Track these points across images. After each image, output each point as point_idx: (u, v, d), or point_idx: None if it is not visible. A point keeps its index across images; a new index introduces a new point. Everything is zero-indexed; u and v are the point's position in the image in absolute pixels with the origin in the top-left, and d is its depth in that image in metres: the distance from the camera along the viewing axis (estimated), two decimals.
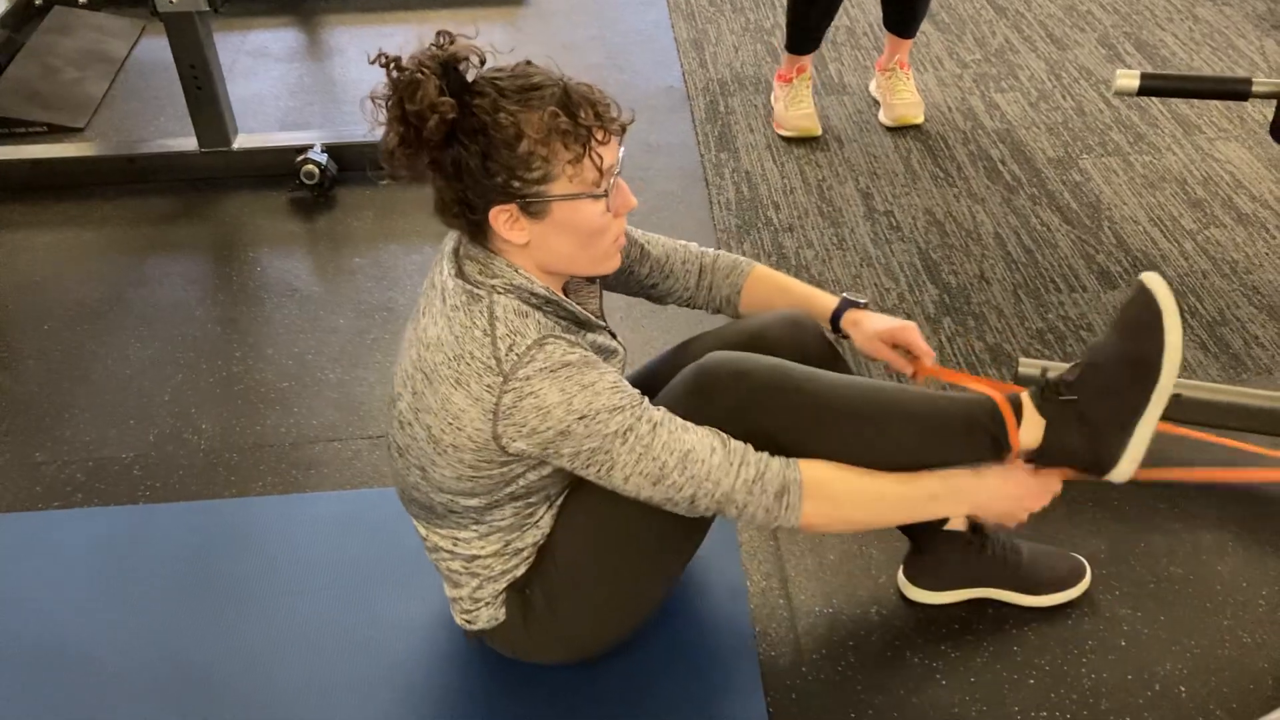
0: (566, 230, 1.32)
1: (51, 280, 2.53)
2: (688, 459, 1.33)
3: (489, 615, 1.53)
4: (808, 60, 2.93)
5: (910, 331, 1.61)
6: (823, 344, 1.62)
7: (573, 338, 1.35)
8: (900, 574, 1.74)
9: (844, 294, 1.67)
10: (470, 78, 1.29)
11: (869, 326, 1.63)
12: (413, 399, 1.39)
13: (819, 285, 2.42)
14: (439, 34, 1.31)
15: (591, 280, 1.52)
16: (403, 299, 2.44)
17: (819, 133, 2.90)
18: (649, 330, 2.29)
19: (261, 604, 1.78)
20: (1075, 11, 3.46)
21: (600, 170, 1.30)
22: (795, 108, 2.91)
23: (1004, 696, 1.61)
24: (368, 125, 1.33)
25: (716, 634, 1.69)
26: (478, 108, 1.26)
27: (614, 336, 1.50)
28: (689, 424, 1.36)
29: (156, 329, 2.38)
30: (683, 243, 1.69)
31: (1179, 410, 1.94)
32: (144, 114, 3.13)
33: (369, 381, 2.22)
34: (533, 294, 1.35)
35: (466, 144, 1.27)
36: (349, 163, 2.80)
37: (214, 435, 2.11)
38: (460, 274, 1.37)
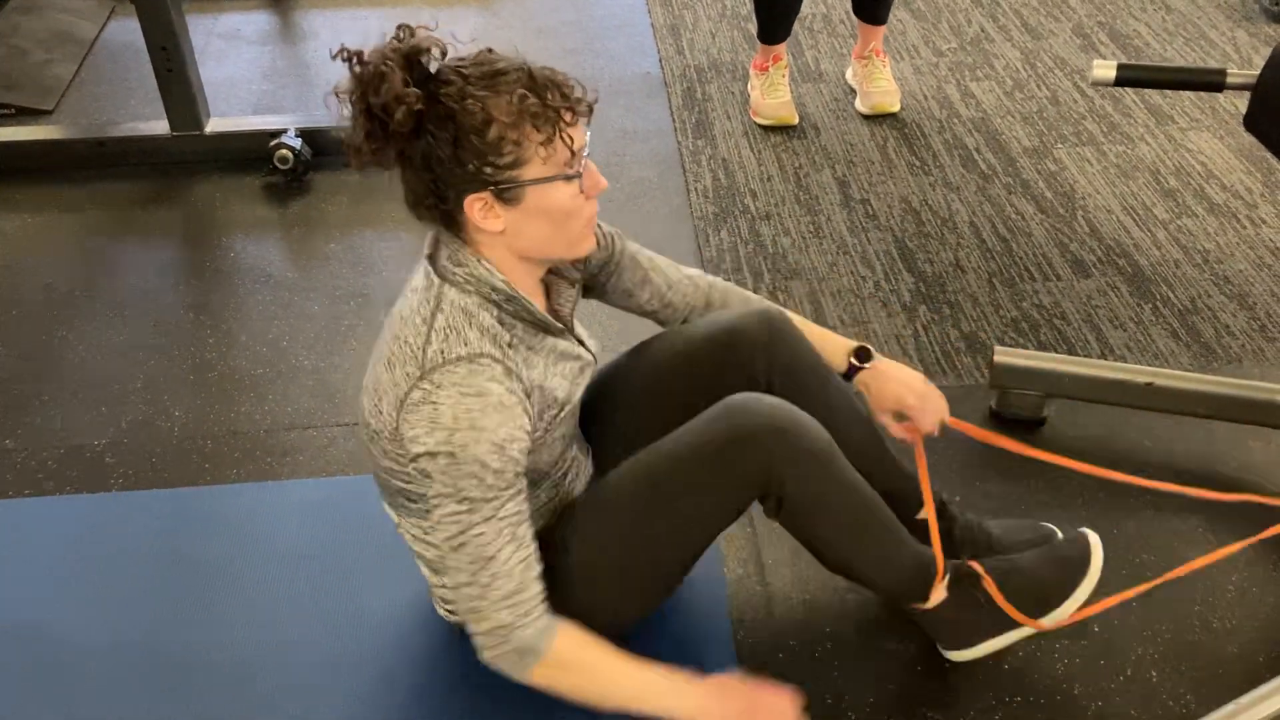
0: (541, 215, 1.31)
1: (20, 265, 2.50)
2: (486, 566, 1.31)
3: None
4: (782, 49, 2.93)
5: (915, 410, 1.62)
6: (799, 344, 1.61)
7: (516, 352, 1.33)
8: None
9: (856, 347, 1.65)
10: (433, 69, 1.29)
11: (879, 391, 1.63)
12: (370, 375, 1.42)
13: (795, 274, 2.43)
14: (399, 27, 1.30)
15: (571, 285, 1.50)
16: (378, 285, 2.42)
17: (796, 121, 2.91)
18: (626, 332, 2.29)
19: (236, 591, 1.77)
20: (1050, 1, 3.48)
21: (572, 151, 1.30)
22: (772, 96, 2.91)
23: (978, 683, 1.62)
24: (336, 119, 1.32)
25: (694, 620, 1.70)
26: (445, 95, 1.25)
27: (582, 343, 1.48)
28: (522, 538, 1.33)
29: (128, 315, 2.35)
30: (691, 273, 1.66)
31: (1152, 399, 1.96)
32: (114, 97, 3.08)
33: (344, 368, 2.21)
34: (493, 289, 1.34)
35: (435, 134, 1.26)
36: (323, 147, 2.77)
37: (187, 422, 2.09)
38: (431, 256, 1.37)
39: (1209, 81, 1.72)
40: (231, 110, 2.99)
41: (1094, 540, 1.58)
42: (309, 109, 3.02)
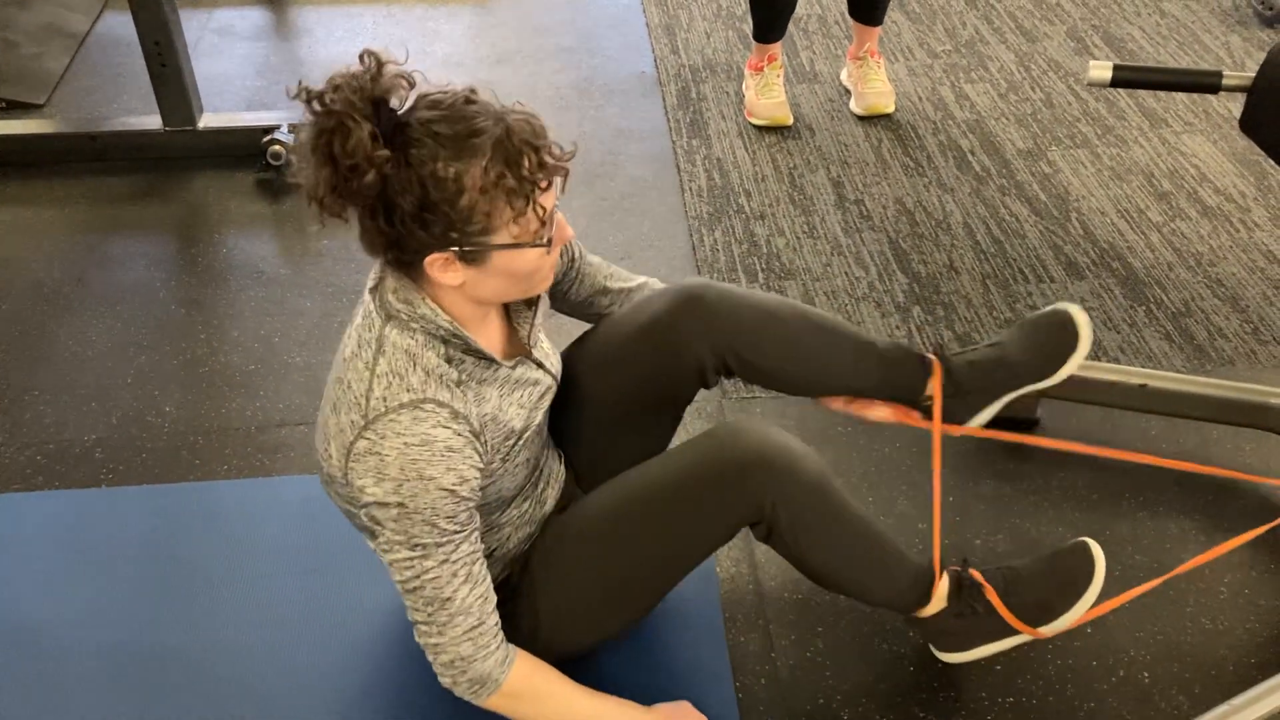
0: (503, 273, 1.27)
1: (10, 260, 2.48)
2: (443, 606, 1.31)
3: None
4: (777, 49, 2.93)
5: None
6: (729, 312, 1.52)
7: (465, 392, 1.31)
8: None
9: None
10: (401, 108, 1.22)
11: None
12: (319, 416, 1.40)
13: (790, 274, 2.42)
14: (365, 54, 1.21)
15: (530, 305, 1.44)
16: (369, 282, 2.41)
17: (790, 122, 2.90)
18: None
19: (226, 588, 1.76)
20: (1044, 4, 3.48)
21: (541, 220, 1.24)
22: (767, 96, 2.91)
23: (970, 683, 1.62)
24: (293, 176, 1.25)
25: (686, 619, 1.69)
26: (414, 158, 1.18)
27: (541, 366, 1.43)
28: (477, 576, 1.32)
29: (119, 310, 2.34)
30: (643, 279, 1.64)
31: (1146, 400, 1.96)
32: (106, 91, 3.07)
33: None
34: (438, 326, 1.29)
35: (401, 193, 1.19)
36: None
37: (178, 418, 2.08)
38: (376, 289, 1.32)
39: (1205, 83, 1.72)
40: (225, 106, 2.98)
41: (1097, 551, 1.56)
42: (302, 105, 3.01)
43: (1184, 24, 3.36)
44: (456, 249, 1.23)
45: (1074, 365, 1.59)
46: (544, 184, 1.23)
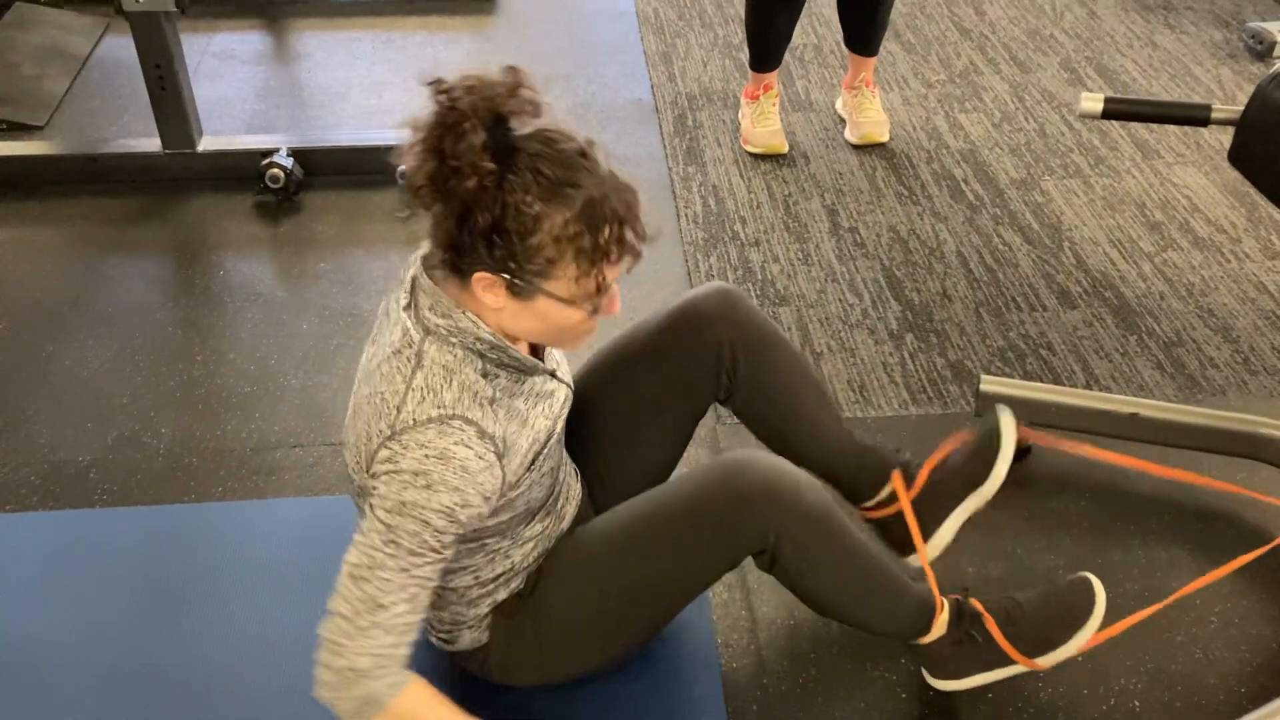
0: (541, 318, 1.29)
1: (8, 280, 2.49)
2: (374, 611, 1.27)
3: (471, 638, 1.51)
4: (773, 78, 2.95)
5: None
6: (754, 313, 1.62)
7: (498, 407, 1.31)
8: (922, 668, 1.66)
9: None
10: (524, 130, 1.22)
11: None
12: (347, 429, 1.39)
13: (784, 300, 2.44)
14: (508, 70, 1.24)
15: None
16: (367, 304, 2.42)
17: (786, 150, 2.93)
18: None
19: (221, 610, 1.76)
20: (1038, 36, 3.52)
21: (599, 287, 1.26)
22: (762, 125, 2.93)
23: (962, 711, 1.63)
24: (398, 157, 1.25)
25: (679, 645, 1.70)
26: (508, 183, 1.20)
27: (554, 376, 1.44)
28: (418, 603, 1.29)
29: (116, 331, 2.35)
30: None
31: (1137, 429, 1.97)
32: (106, 113, 3.09)
33: (332, 387, 2.20)
34: (478, 339, 1.30)
35: (483, 208, 1.21)
36: (315, 167, 2.78)
37: (174, 439, 2.08)
38: (412, 304, 1.33)
39: (1194, 116, 1.74)
40: (224, 129, 3.00)
41: (1098, 587, 1.58)
42: (301, 129, 3.03)
43: (1176, 57, 3.40)
44: (509, 277, 1.24)
45: (1002, 470, 1.64)
46: (614, 257, 1.25)
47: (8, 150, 2.80)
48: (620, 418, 1.62)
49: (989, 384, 2.00)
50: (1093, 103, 1.74)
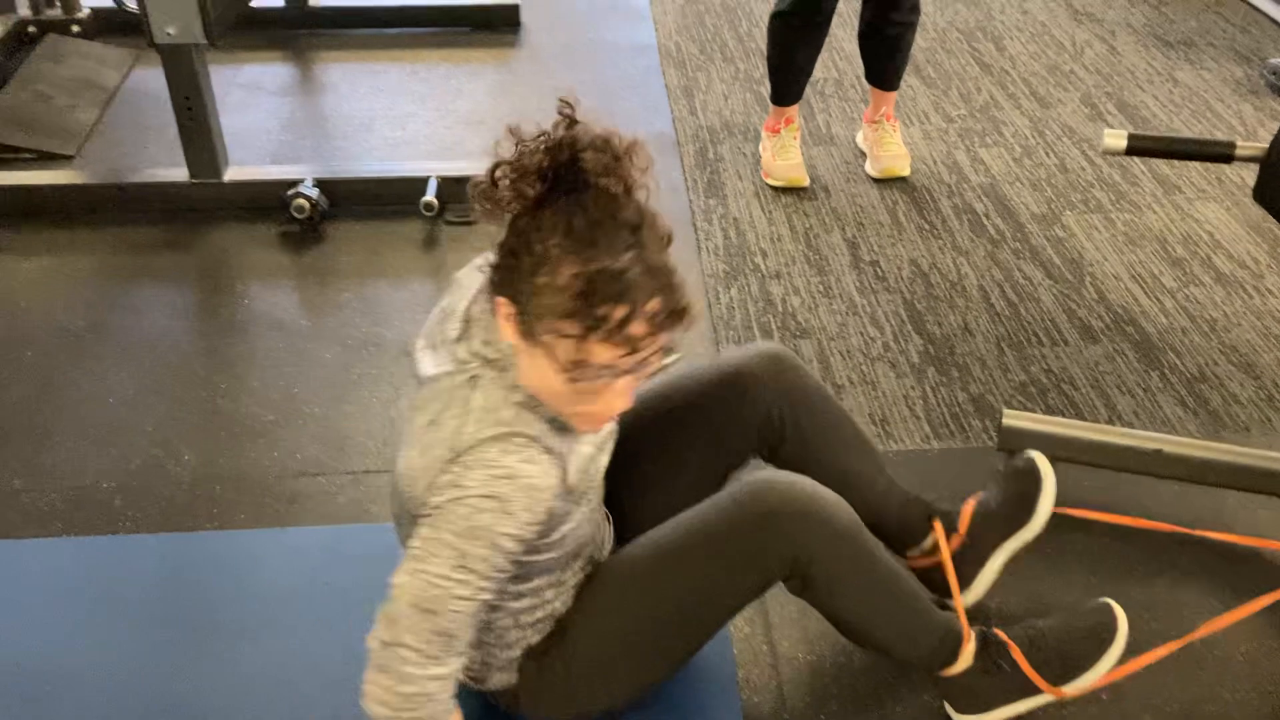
0: (542, 375, 1.23)
1: (37, 307, 2.52)
2: (448, 643, 1.26)
3: (501, 679, 1.50)
4: (794, 111, 2.97)
5: None
6: (805, 376, 1.64)
7: (551, 444, 1.28)
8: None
9: None
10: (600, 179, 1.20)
11: None
12: (404, 461, 1.35)
13: (805, 333, 2.44)
14: (611, 137, 1.22)
15: None
16: (390, 334, 2.44)
17: (806, 184, 2.94)
18: None
19: (241, 638, 1.76)
20: (1059, 71, 3.53)
21: (636, 369, 1.20)
22: (783, 158, 2.95)
23: None
24: (484, 155, 1.23)
25: (700, 679, 1.69)
26: (540, 221, 1.18)
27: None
28: (478, 615, 1.29)
29: (141, 358, 2.37)
30: None
31: (1161, 465, 1.96)
32: (134, 143, 3.13)
33: (354, 416, 2.21)
34: (516, 386, 1.27)
35: (511, 227, 1.20)
36: (339, 197, 2.81)
37: (196, 466, 2.09)
38: (465, 336, 1.31)
39: (1218, 153, 1.74)
40: (250, 159, 3.03)
41: (1118, 611, 1.58)
42: (326, 159, 3.06)
43: (1197, 93, 3.40)
44: (518, 309, 1.21)
45: (1046, 509, 1.68)
46: (610, 339, 1.16)
47: (39, 179, 2.84)
48: (654, 467, 1.60)
49: (1011, 418, 2.00)
50: (1116, 139, 1.74)
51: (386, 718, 1.27)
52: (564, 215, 1.18)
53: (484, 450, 1.24)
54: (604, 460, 1.45)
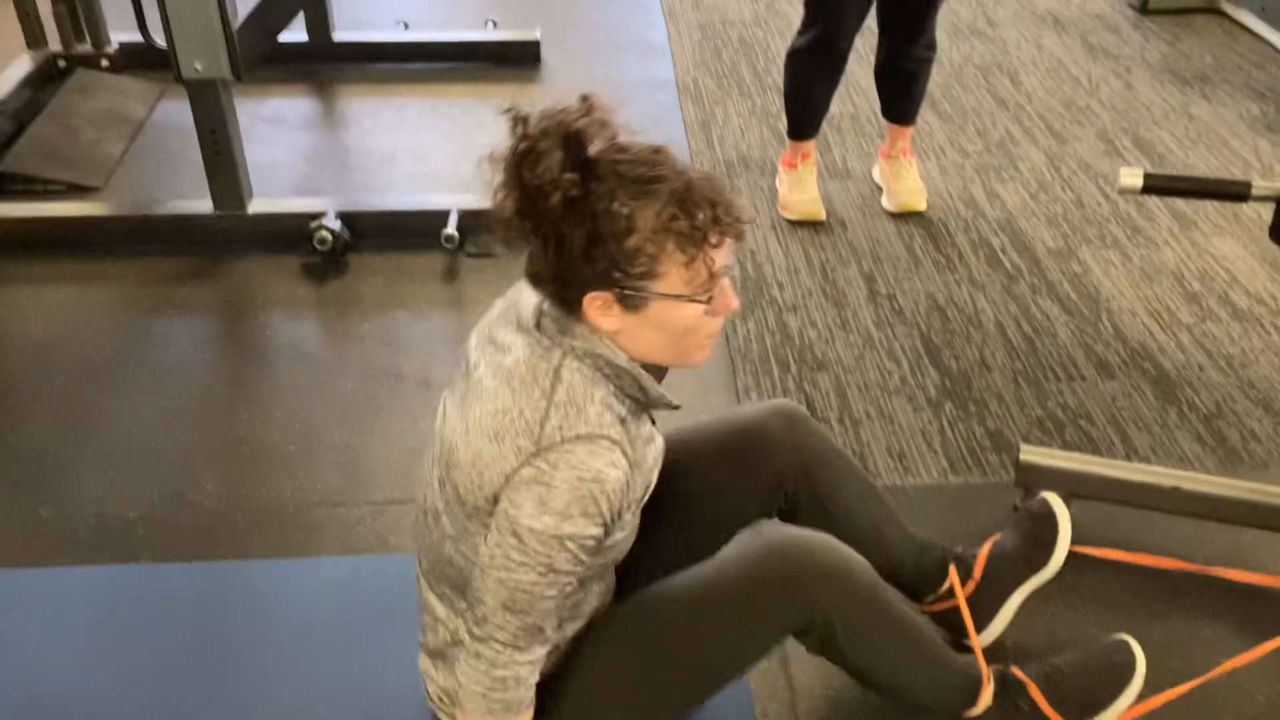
0: (660, 327, 1.27)
1: (63, 336, 2.55)
2: (535, 635, 1.31)
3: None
4: (811, 146, 3.00)
5: None
6: (820, 438, 1.64)
7: (629, 431, 1.29)
8: None
9: None
10: (593, 153, 1.23)
11: None
12: (449, 454, 1.33)
13: (822, 366, 2.45)
14: (583, 98, 1.26)
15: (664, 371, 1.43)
16: (410, 365, 2.46)
17: (823, 217, 2.96)
18: None
19: (261, 668, 1.77)
20: (1074, 107, 3.55)
21: (710, 273, 1.24)
22: (800, 192, 2.97)
23: None
24: (484, 189, 1.27)
25: (718, 714, 1.69)
26: (593, 192, 1.20)
27: (653, 422, 1.43)
28: (557, 615, 1.32)
29: (165, 388, 2.40)
30: None
31: (1179, 502, 1.96)
32: (160, 175, 3.17)
33: (374, 446, 2.23)
34: (610, 363, 1.28)
35: (574, 225, 1.21)
36: (362, 230, 2.84)
37: (219, 495, 2.12)
38: (537, 326, 1.31)
39: (1234, 192, 1.75)
40: (273, 191, 3.07)
41: (1136, 648, 1.59)
42: (348, 192, 3.10)
43: (1213, 129, 3.42)
44: (617, 290, 1.23)
45: (1063, 552, 1.73)
46: (714, 239, 1.22)
47: (68, 211, 2.89)
48: (665, 523, 1.58)
49: (1029, 454, 2.00)
50: (1132, 178, 1.76)
51: (478, 695, 1.33)
52: (609, 180, 1.21)
53: (571, 450, 1.24)
54: (655, 478, 1.42)
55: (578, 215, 1.21)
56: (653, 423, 1.43)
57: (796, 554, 1.44)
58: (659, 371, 1.41)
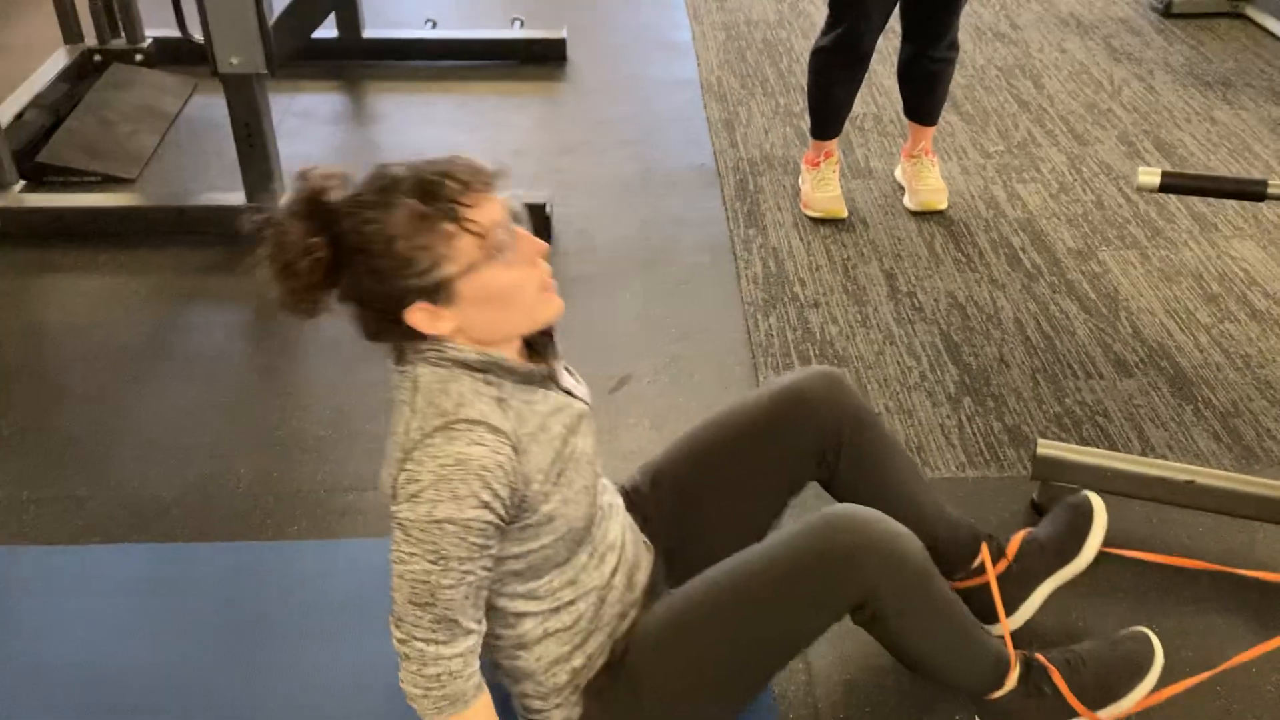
0: (486, 301, 1.30)
1: (101, 324, 2.61)
2: (449, 627, 1.31)
3: (562, 716, 1.50)
4: (833, 145, 3.03)
5: None
6: (858, 399, 1.69)
7: (510, 406, 1.33)
8: None
9: None
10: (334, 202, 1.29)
11: None
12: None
13: (842, 361, 2.49)
14: (297, 175, 1.32)
15: (549, 339, 1.47)
16: None
17: (845, 215, 3.00)
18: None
19: (293, 644, 1.82)
20: (1096, 109, 3.58)
21: (485, 231, 1.27)
22: (822, 190, 3.01)
23: None
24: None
25: None
26: (346, 231, 1.27)
27: (571, 394, 1.44)
28: (480, 600, 1.34)
29: (199, 376, 2.45)
30: None
31: (1193, 497, 1.99)
32: (193, 168, 3.24)
33: None
34: (466, 363, 1.33)
35: (351, 268, 1.28)
36: None
37: (252, 479, 2.17)
38: (400, 359, 1.37)
39: (1252, 191, 1.78)
40: None
41: (1155, 641, 1.64)
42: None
43: (1234, 131, 3.43)
44: (422, 293, 1.28)
45: (1095, 545, 1.78)
46: (467, 201, 1.27)
47: (103, 202, 2.95)
48: (716, 493, 1.65)
49: (1046, 448, 2.03)
50: (1150, 176, 1.78)
51: (419, 697, 1.35)
52: (353, 211, 1.27)
53: (430, 443, 1.28)
54: (581, 443, 1.43)
55: (348, 256, 1.27)
56: (568, 393, 1.44)
57: (853, 531, 1.46)
58: (543, 338, 1.45)
